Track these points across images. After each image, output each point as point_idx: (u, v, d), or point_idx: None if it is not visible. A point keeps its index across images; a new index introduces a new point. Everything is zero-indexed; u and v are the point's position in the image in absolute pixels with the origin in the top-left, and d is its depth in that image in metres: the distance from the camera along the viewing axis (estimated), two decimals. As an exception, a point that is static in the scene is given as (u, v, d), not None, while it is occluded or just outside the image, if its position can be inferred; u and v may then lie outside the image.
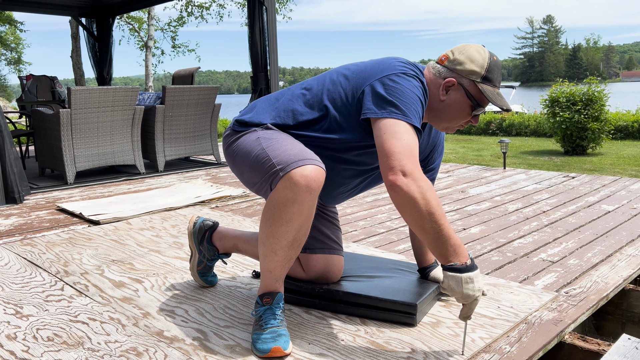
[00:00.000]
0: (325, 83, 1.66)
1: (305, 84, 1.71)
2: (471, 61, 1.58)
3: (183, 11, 17.73)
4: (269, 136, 1.59)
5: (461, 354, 1.52)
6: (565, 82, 10.06)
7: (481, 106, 1.60)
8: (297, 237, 1.53)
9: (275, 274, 1.59)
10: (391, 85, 1.52)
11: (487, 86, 1.59)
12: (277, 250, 1.54)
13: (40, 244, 2.76)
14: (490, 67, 1.59)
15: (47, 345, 1.64)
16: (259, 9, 5.45)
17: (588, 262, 2.28)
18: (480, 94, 1.59)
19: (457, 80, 1.59)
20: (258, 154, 1.56)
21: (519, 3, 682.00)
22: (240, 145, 1.64)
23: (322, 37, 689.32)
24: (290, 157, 1.49)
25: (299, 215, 1.49)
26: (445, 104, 1.61)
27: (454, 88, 1.60)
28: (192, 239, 2.03)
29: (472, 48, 1.61)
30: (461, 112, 1.61)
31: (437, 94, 1.61)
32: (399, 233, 2.83)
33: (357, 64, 1.68)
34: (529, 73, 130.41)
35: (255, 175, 1.58)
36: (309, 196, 1.46)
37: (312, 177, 1.46)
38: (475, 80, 1.58)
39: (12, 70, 40.78)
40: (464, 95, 1.59)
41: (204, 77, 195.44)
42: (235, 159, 1.66)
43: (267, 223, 1.52)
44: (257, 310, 1.61)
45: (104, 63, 7.89)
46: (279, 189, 1.48)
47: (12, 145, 3.81)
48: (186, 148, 5.42)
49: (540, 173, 4.64)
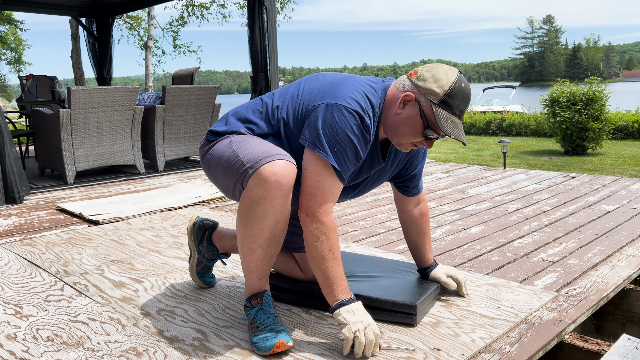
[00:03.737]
0: (286, 97, 1.66)
1: (277, 93, 1.71)
2: (434, 81, 1.54)
3: (184, 11, 17.73)
4: (240, 139, 1.60)
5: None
6: (566, 82, 10.06)
7: (432, 129, 1.55)
8: (274, 234, 1.53)
9: (257, 273, 1.59)
10: (329, 119, 1.52)
11: (443, 110, 1.53)
12: (255, 249, 1.54)
13: (40, 244, 2.76)
14: (452, 92, 1.53)
15: (47, 345, 1.63)
16: (259, 9, 5.44)
17: (588, 262, 2.28)
18: (432, 116, 1.54)
19: (416, 96, 1.56)
20: (229, 157, 1.57)
21: (519, 3, 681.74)
22: (214, 152, 1.65)
23: (322, 37, 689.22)
24: (258, 154, 1.49)
25: (272, 211, 1.49)
26: (399, 118, 1.58)
27: (411, 104, 1.56)
28: (191, 238, 2.03)
29: (441, 69, 1.56)
30: (412, 129, 1.57)
31: (394, 108, 1.59)
32: (399, 233, 2.83)
33: (317, 81, 1.66)
34: (529, 73, 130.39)
35: (229, 179, 1.58)
36: (280, 191, 1.46)
37: (282, 172, 1.46)
38: (432, 100, 1.54)
39: (12, 70, 40.78)
40: (417, 114, 1.55)
41: (204, 77, 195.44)
42: (210, 166, 1.67)
43: (242, 222, 1.53)
44: (249, 313, 1.61)
45: (103, 63, 7.89)
46: (249, 187, 1.48)
47: (12, 145, 3.81)
48: (186, 148, 5.42)
49: (540, 173, 4.64)
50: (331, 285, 1.53)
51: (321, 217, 1.52)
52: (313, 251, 1.53)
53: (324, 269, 1.53)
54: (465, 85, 1.56)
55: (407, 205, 1.90)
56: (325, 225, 1.52)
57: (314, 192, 1.52)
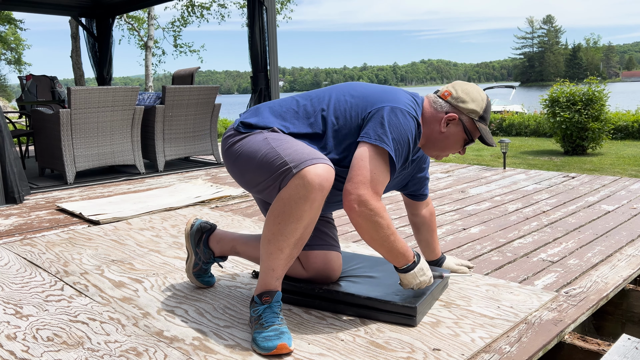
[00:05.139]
0: (330, 100, 1.72)
1: (313, 96, 1.76)
2: (472, 100, 1.73)
3: (184, 11, 17.72)
4: (277, 137, 1.62)
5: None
6: (566, 82, 10.06)
7: (473, 141, 1.78)
8: (303, 235, 1.56)
9: (277, 272, 1.60)
10: (393, 120, 1.62)
11: (482, 125, 1.75)
12: (284, 248, 1.56)
13: (40, 244, 2.76)
14: (486, 108, 1.76)
15: (47, 345, 1.64)
16: (259, 9, 5.44)
17: (588, 262, 2.28)
18: (476, 130, 1.76)
19: (459, 116, 1.74)
20: (267, 153, 1.58)
21: (519, 3, 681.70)
22: (245, 145, 1.66)
23: (322, 37, 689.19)
24: (303, 155, 1.52)
25: (309, 213, 1.52)
26: (444, 136, 1.75)
27: (454, 122, 1.74)
28: (189, 240, 2.03)
29: (473, 88, 1.76)
30: (456, 144, 1.77)
31: (436, 126, 1.75)
32: (399, 233, 2.83)
33: (363, 87, 1.75)
34: (529, 73, 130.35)
35: (261, 175, 1.59)
36: (320, 194, 1.50)
37: (325, 176, 1.50)
38: (474, 118, 1.74)
39: (12, 70, 40.80)
40: (462, 130, 1.75)
41: (204, 77, 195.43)
42: (237, 158, 1.67)
43: (275, 220, 1.54)
44: (257, 309, 1.61)
45: (103, 63, 7.89)
46: (290, 186, 1.50)
47: (12, 145, 3.81)
48: (186, 148, 5.42)
49: (540, 173, 4.64)
50: (398, 257, 1.67)
51: (374, 204, 1.58)
52: (373, 235, 1.60)
53: (387, 246, 1.64)
54: (488, 97, 1.80)
55: (419, 209, 2.06)
56: (378, 209, 1.59)
57: (368, 181, 1.58)
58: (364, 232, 1.61)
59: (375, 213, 1.58)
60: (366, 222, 1.58)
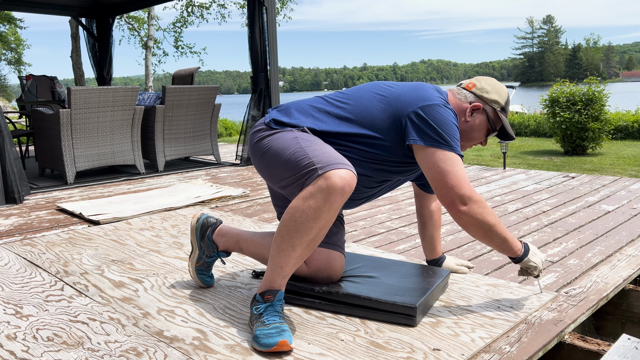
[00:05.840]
0: (362, 100, 1.78)
1: (342, 96, 1.83)
2: (496, 92, 1.84)
3: (184, 11, 17.72)
4: (307, 138, 1.69)
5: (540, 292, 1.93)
6: (566, 82, 10.05)
7: (495, 130, 1.85)
8: (317, 236, 1.58)
9: (285, 270, 1.61)
10: (435, 116, 1.69)
11: (503, 115, 1.85)
12: (296, 246, 1.57)
13: (40, 244, 2.76)
14: (507, 100, 1.86)
15: (47, 345, 1.64)
16: (259, 9, 5.44)
17: (588, 262, 2.28)
18: (498, 120, 1.85)
19: (483, 105, 1.83)
20: (295, 151, 1.64)
21: (519, 3, 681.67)
22: (275, 140, 1.72)
23: (322, 37, 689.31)
24: (329, 158, 1.57)
25: (326, 214, 1.54)
26: (468, 125, 1.83)
27: (478, 111, 1.82)
28: (194, 234, 2.05)
29: (496, 81, 1.87)
30: (480, 132, 1.84)
31: (461, 116, 1.83)
32: (398, 233, 2.83)
33: (390, 86, 1.81)
34: (529, 73, 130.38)
35: (287, 171, 1.65)
36: (340, 198, 1.54)
37: (348, 180, 1.54)
38: (496, 108, 1.83)
39: (12, 70, 40.80)
40: (486, 119, 1.83)
41: (204, 77, 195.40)
42: (265, 153, 1.74)
43: (292, 217, 1.56)
44: (258, 307, 1.62)
45: (103, 63, 7.89)
46: (314, 186, 1.54)
47: (12, 145, 3.81)
48: (186, 148, 5.42)
49: (540, 173, 4.65)
50: (508, 246, 1.74)
51: (475, 197, 1.66)
52: (484, 228, 1.68)
53: (498, 237, 1.71)
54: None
55: (429, 202, 2.11)
56: (480, 201, 1.67)
57: (457, 182, 1.66)
58: (479, 227, 1.67)
59: (483, 204, 1.67)
60: (480, 214, 1.66)
